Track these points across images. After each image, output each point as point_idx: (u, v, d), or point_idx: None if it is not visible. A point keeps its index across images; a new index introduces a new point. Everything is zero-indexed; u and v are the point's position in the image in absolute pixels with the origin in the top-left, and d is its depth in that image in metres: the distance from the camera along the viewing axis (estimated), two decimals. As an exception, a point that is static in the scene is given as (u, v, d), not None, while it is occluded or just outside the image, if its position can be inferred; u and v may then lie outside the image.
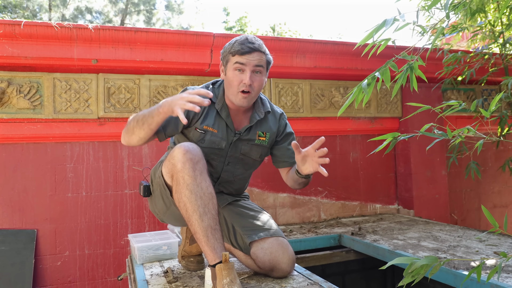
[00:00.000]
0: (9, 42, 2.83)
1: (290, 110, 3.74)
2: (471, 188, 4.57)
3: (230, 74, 1.89)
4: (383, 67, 1.63)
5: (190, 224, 1.70)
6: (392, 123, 4.17)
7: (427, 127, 1.64)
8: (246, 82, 1.85)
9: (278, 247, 1.89)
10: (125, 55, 3.10)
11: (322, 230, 3.44)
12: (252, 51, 1.87)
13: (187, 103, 1.63)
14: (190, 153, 1.70)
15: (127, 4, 16.56)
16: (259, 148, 2.07)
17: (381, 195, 4.19)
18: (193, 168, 1.69)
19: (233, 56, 1.88)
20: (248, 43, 1.87)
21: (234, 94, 1.90)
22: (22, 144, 3.10)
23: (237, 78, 1.87)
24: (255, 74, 1.89)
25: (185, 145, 1.73)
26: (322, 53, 3.65)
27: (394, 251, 2.65)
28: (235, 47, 1.87)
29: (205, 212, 1.68)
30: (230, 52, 1.89)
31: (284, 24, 15.19)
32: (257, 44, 1.89)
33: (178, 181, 1.71)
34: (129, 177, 3.34)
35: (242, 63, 1.86)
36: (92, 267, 3.20)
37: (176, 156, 1.71)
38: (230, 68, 1.89)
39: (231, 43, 1.91)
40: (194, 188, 1.68)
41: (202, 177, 1.71)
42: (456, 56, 3.58)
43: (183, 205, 1.71)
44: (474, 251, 2.59)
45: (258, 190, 3.69)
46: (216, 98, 1.98)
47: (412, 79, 1.70)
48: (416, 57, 1.62)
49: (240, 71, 1.87)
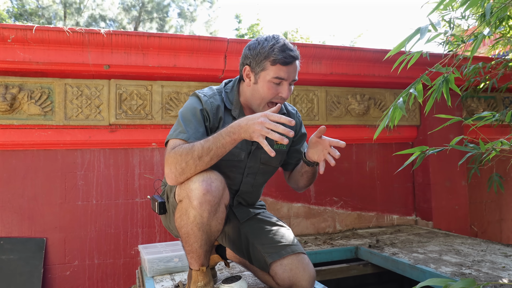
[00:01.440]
0: (20, 47, 2.79)
1: (306, 118, 3.65)
2: (492, 199, 4.42)
3: (265, 86, 1.71)
4: (416, 82, 1.52)
5: (188, 246, 1.66)
6: (410, 132, 4.06)
7: (458, 140, 1.52)
8: (284, 96, 1.71)
9: (299, 264, 1.78)
10: (138, 61, 3.04)
11: (338, 242, 3.33)
12: (294, 60, 1.70)
13: (271, 131, 1.46)
14: (211, 194, 1.55)
15: (140, 12, 16.67)
16: (279, 154, 1.94)
17: (398, 206, 4.06)
18: (209, 210, 1.56)
19: (273, 66, 1.68)
20: (289, 50, 1.69)
21: (262, 105, 1.75)
22: (32, 151, 3.05)
23: (273, 91, 1.71)
24: (289, 85, 1.75)
25: (206, 182, 1.55)
26: (339, 59, 3.56)
27: (415, 265, 2.54)
28: (276, 55, 1.67)
29: (206, 243, 1.65)
30: (268, 59, 1.69)
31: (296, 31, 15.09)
32: (296, 51, 1.72)
33: (188, 215, 1.59)
34: (140, 185, 3.26)
35: (283, 78, 1.69)
36: (102, 278, 3.13)
37: (194, 192, 1.55)
38: (266, 79, 1.70)
39: (265, 46, 1.70)
40: (203, 227, 1.60)
41: (215, 217, 1.61)
42: (476, 68, 3.46)
43: (185, 233, 1.63)
44: (501, 266, 2.46)
45: (272, 200, 3.59)
46: (231, 103, 1.83)
47: (447, 92, 1.58)
48: (452, 69, 1.51)
49: (278, 84, 1.71)
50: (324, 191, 3.78)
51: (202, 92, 1.80)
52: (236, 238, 1.96)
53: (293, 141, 2.01)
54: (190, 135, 1.65)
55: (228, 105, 1.82)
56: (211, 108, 1.76)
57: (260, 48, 1.71)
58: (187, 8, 17.49)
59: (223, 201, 1.63)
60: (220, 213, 1.62)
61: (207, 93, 1.81)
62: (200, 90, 1.83)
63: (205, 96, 1.78)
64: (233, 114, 1.82)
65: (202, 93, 1.79)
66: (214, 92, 1.83)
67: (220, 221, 1.64)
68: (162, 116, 3.22)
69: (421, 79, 1.52)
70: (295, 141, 2.02)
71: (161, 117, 3.22)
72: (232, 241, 1.98)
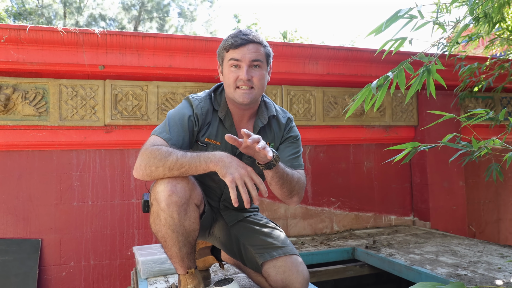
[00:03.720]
0: (14, 48, 2.78)
1: (302, 118, 3.63)
2: (490, 199, 4.40)
3: (226, 71, 1.76)
4: (398, 67, 1.49)
5: (168, 251, 1.65)
6: (408, 132, 4.04)
7: (450, 137, 1.50)
8: (243, 78, 1.71)
9: (292, 266, 1.77)
10: (133, 61, 3.03)
11: (335, 243, 3.31)
12: (247, 42, 1.72)
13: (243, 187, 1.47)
14: (176, 195, 1.55)
15: (140, 11, 16.65)
16: None
17: (396, 206, 4.05)
18: (177, 211, 1.56)
19: (227, 52, 1.74)
20: (242, 35, 1.73)
21: (232, 91, 1.75)
22: (27, 152, 3.03)
23: (233, 75, 1.73)
24: (253, 68, 1.74)
25: (171, 183, 1.55)
26: (335, 60, 3.54)
27: (411, 266, 2.52)
28: (228, 41, 1.74)
29: (185, 244, 1.63)
30: (224, 48, 1.76)
31: (295, 31, 15.07)
32: (251, 36, 1.74)
33: (160, 218, 1.59)
34: (136, 186, 3.25)
35: (237, 58, 1.71)
36: (98, 279, 3.12)
37: (160, 195, 1.56)
38: (226, 66, 1.76)
39: (225, 39, 1.78)
40: (176, 228, 1.59)
41: (187, 216, 1.60)
42: (472, 68, 3.43)
43: (162, 237, 1.62)
44: (497, 267, 2.45)
45: (269, 201, 3.57)
46: (219, 105, 1.84)
47: (429, 83, 1.55)
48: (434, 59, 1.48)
49: (237, 67, 1.73)
50: (321, 191, 3.76)
51: (194, 97, 1.82)
52: (227, 240, 1.95)
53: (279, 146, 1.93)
54: (172, 137, 1.68)
55: (215, 107, 1.84)
56: (201, 113, 1.78)
57: (222, 43, 1.79)
58: (187, 7, 17.50)
59: (192, 201, 1.62)
60: (191, 213, 1.61)
61: (199, 97, 1.83)
62: (194, 95, 1.85)
63: (196, 100, 1.81)
64: (219, 115, 1.83)
65: (194, 97, 1.81)
66: (205, 96, 1.85)
67: (193, 220, 1.62)
68: (158, 117, 3.21)
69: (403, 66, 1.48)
70: (282, 145, 1.92)
71: (157, 117, 3.20)
72: (224, 243, 1.97)
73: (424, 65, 1.55)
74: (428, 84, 1.56)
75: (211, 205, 1.97)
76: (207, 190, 1.92)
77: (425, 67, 1.52)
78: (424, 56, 1.53)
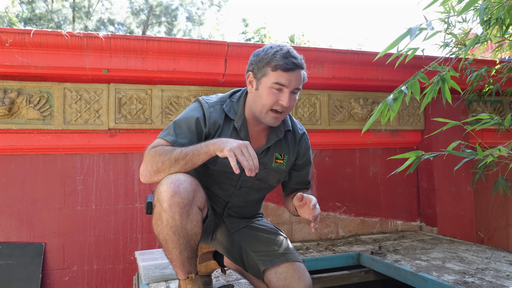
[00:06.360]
0: (19, 52, 2.78)
1: (308, 122, 3.60)
2: (499, 204, 4.34)
3: (265, 92, 1.68)
4: (412, 79, 1.47)
5: (169, 254, 1.62)
6: (415, 136, 3.99)
7: (455, 145, 1.47)
8: (285, 104, 1.67)
9: (294, 273, 1.74)
10: (137, 65, 3.02)
11: (340, 248, 3.27)
12: (296, 68, 1.66)
13: (242, 156, 1.48)
14: (179, 196, 1.52)
15: (149, 16, 16.73)
16: (277, 173, 1.90)
17: (402, 211, 3.99)
18: (179, 212, 1.54)
19: (274, 71, 1.66)
20: (292, 57, 1.66)
21: (264, 112, 1.71)
22: (31, 156, 3.03)
23: (274, 97, 1.68)
24: (292, 94, 1.71)
25: (174, 184, 1.54)
26: (341, 63, 3.51)
27: (417, 273, 2.48)
28: (277, 60, 1.65)
29: (186, 247, 1.60)
30: (269, 64, 1.67)
31: (302, 35, 15.04)
32: (300, 60, 1.69)
33: (162, 219, 1.56)
34: (140, 190, 3.24)
35: (284, 84, 1.65)
36: (101, 283, 3.10)
37: (163, 195, 1.54)
38: (266, 85, 1.68)
39: (269, 52, 1.69)
40: (177, 230, 1.56)
41: (189, 218, 1.57)
42: (480, 74, 3.39)
43: (163, 239, 1.60)
44: (505, 275, 2.40)
45: (274, 205, 3.54)
46: (235, 114, 1.80)
47: (444, 91, 1.54)
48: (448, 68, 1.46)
49: (279, 90, 1.68)
50: (327, 196, 3.72)
51: (205, 99, 1.80)
52: (229, 245, 1.93)
53: (296, 164, 1.97)
54: (177, 138, 1.67)
55: (231, 115, 1.80)
56: (210, 117, 1.75)
57: (264, 54, 1.70)
58: (195, 12, 17.53)
59: (195, 203, 1.59)
60: (194, 215, 1.58)
61: (210, 101, 1.80)
62: (205, 97, 1.82)
63: (207, 103, 1.78)
64: (235, 125, 1.79)
65: (205, 100, 1.79)
66: (217, 101, 1.82)
67: (196, 224, 1.59)
68: (162, 121, 3.20)
69: (417, 76, 1.48)
70: (299, 165, 1.98)
71: (161, 121, 3.19)
72: (226, 249, 1.95)
73: (437, 74, 1.54)
74: (443, 92, 1.56)
75: (215, 210, 1.95)
76: (213, 197, 1.91)
77: (439, 76, 1.52)
78: (438, 66, 1.53)
